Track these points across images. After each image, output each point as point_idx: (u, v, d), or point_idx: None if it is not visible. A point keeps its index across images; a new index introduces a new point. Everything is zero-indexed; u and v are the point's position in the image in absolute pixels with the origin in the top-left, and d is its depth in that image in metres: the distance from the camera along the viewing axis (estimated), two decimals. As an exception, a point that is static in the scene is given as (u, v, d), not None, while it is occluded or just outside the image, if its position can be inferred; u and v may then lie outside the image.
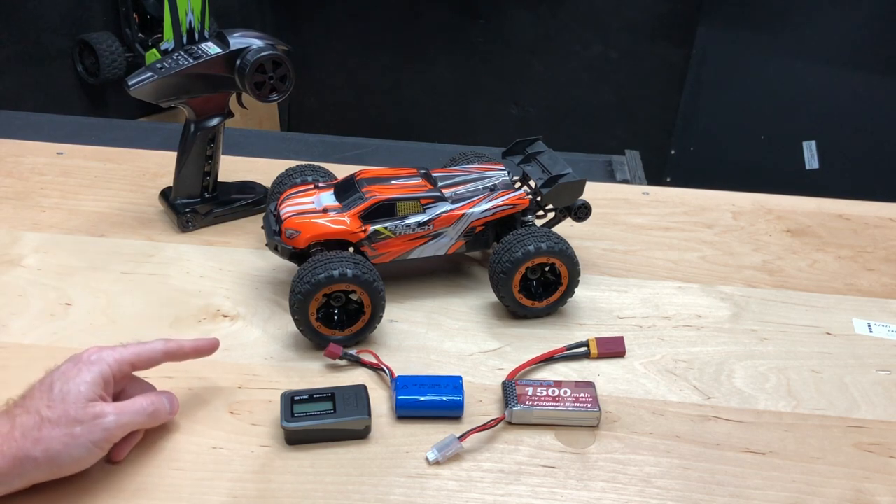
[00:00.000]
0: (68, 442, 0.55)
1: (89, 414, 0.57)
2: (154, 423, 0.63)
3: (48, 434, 0.55)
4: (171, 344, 0.65)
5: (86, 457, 0.57)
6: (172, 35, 0.87)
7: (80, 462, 0.57)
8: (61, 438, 0.55)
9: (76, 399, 0.57)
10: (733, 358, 0.77)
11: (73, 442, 0.56)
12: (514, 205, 0.82)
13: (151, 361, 0.64)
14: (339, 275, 0.71)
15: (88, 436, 0.56)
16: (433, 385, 0.68)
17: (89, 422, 0.56)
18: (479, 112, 2.69)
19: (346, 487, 0.62)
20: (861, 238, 0.98)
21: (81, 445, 0.56)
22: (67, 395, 0.57)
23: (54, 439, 0.55)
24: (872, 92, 2.17)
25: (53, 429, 0.55)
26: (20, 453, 0.54)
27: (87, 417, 0.56)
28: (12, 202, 0.96)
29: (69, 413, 0.56)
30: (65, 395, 0.57)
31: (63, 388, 0.57)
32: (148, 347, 0.63)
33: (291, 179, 0.87)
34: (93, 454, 0.57)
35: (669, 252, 0.94)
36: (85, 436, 0.56)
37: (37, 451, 0.55)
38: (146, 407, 0.61)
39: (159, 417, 0.63)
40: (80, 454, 0.56)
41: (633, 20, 2.44)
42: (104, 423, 0.57)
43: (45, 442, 0.55)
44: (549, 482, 0.63)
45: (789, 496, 0.63)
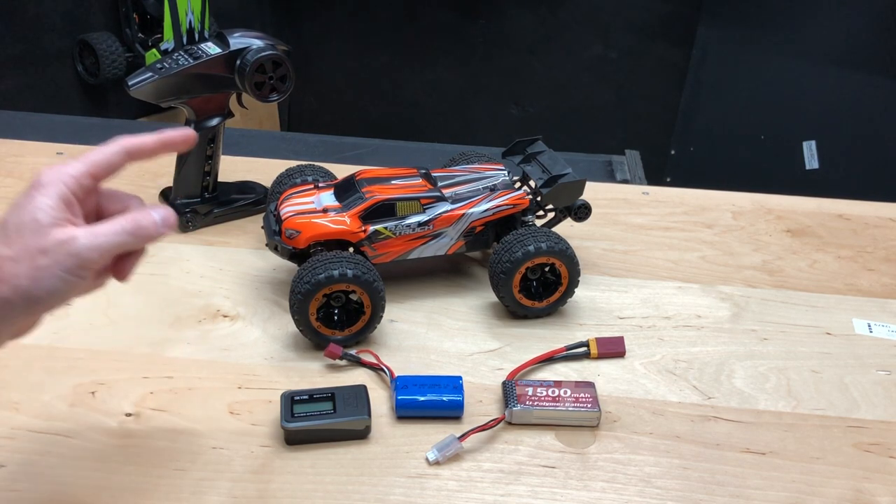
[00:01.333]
0: (35, 275, 0.49)
1: (52, 241, 0.49)
2: (142, 239, 0.53)
3: (10, 271, 0.48)
4: (129, 139, 0.55)
5: (62, 287, 0.49)
6: (172, 35, 0.88)
7: (59, 293, 0.50)
8: (27, 273, 0.49)
9: (34, 228, 0.50)
10: (733, 358, 0.77)
11: (40, 274, 0.49)
12: (514, 205, 0.82)
13: (113, 165, 0.54)
14: (339, 275, 0.71)
15: (56, 265, 0.49)
16: (433, 385, 0.68)
17: (54, 249, 0.49)
18: (479, 112, 2.69)
19: (346, 487, 0.62)
20: (861, 238, 0.99)
21: (52, 276, 0.49)
22: (23, 226, 0.50)
23: (19, 276, 0.48)
24: (872, 92, 2.17)
25: (15, 265, 0.49)
26: None
27: (51, 244, 0.49)
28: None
29: (29, 245, 0.49)
30: (20, 227, 0.50)
31: (18, 221, 0.50)
32: (104, 150, 0.54)
33: (291, 179, 0.87)
34: (70, 283, 0.50)
35: (669, 252, 0.94)
36: (52, 266, 0.49)
37: (4, 290, 0.48)
38: (125, 224, 0.52)
39: (145, 232, 0.53)
40: (54, 285, 0.49)
41: (633, 20, 2.44)
42: (72, 247, 0.49)
43: (10, 280, 0.48)
44: (549, 482, 0.63)
45: (789, 496, 0.63)
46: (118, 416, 0.66)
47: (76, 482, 0.61)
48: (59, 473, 0.61)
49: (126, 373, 0.71)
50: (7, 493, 0.59)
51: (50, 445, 0.63)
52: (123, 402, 0.68)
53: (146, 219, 0.53)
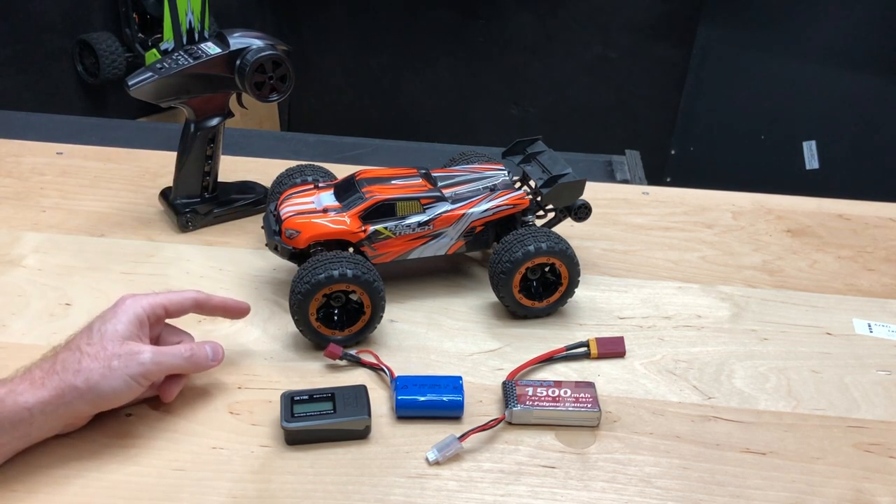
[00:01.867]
0: (106, 373, 0.60)
1: (125, 349, 0.61)
2: (194, 366, 0.66)
3: (87, 366, 0.59)
4: (201, 294, 0.69)
5: (124, 389, 0.61)
6: (172, 35, 0.88)
7: (119, 394, 0.61)
8: (99, 370, 0.60)
9: (113, 336, 0.61)
10: (733, 358, 0.77)
11: (111, 374, 0.60)
12: (514, 205, 0.82)
13: (182, 308, 0.68)
14: (339, 275, 0.71)
15: (125, 369, 0.60)
16: (433, 385, 0.68)
17: (126, 356, 0.61)
18: (479, 112, 2.69)
19: (346, 487, 0.62)
20: (861, 238, 0.98)
21: (119, 377, 0.60)
22: (105, 333, 0.62)
23: (93, 370, 0.59)
24: (872, 92, 2.17)
25: (92, 361, 0.60)
26: (62, 384, 0.59)
27: (124, 352, 0.61)
28: (12, 202, 0.96)
29: (107, 348, 0.61)
30: (103, 334, 0.62)
31: (101, 328, 0.62)
32: (179, 294, 0.68)
33: (291, 179, 0.87)
34: (130, 387, 0.61)
35: (669, 252, 0.94)
36: (122, 368, 0.60)
37: (78, 380, 0.59)
38: (183, 351, 0.65)
39: (199, 362, 0.66)
40: (118, 385, 0.60)
41: (633, 20, 2.44)
42: (140, 357, 0.61)
43: (85, 373, 0.59)
44: (549, 482, 0.63)
45: (789, 496, 0.63)
46: (118, 415, 0.66)
47: (76, 482, 0.61)
48: (60, 473, 0.61)
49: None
50: (7, 493, 0.59)
51: (50, 445, 0.63)
52: (123, 402, 0.68)
53: (201, 351, 0.66)
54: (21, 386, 0.58)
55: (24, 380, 0.59)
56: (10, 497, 0.59)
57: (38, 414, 0.58)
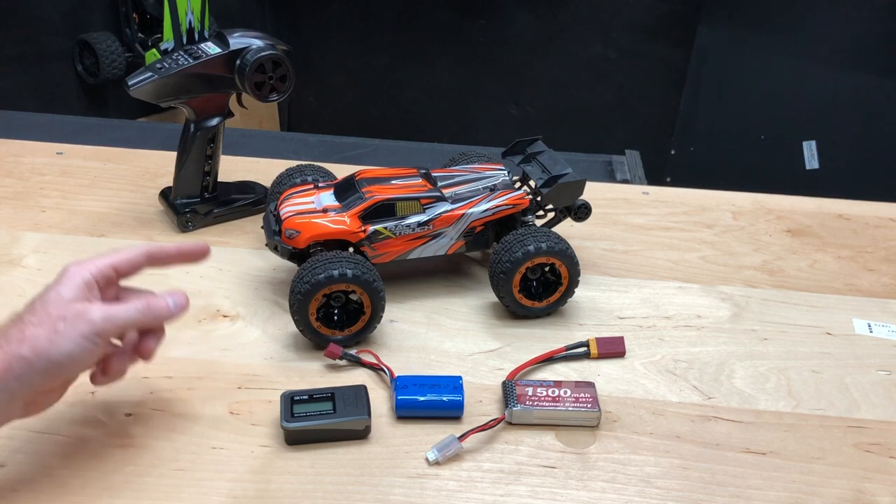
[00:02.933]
0: (52, 337, 0.54)
1: (72, 310, 0.56)
2: (154, 318, 0.60)
3: (32, 333, 0.54)
4: (152, 246, 0.63)
5: (76, 350, 0.55)
6: (172, 35, 0.87)
7: (73, 357, 0.55)
8: (45, 335, 0.54)
9: (56, 300, 0.56)
10: (733, 358, 0.77)
11: (58, 336, 0.54)
12: (514, 205, 0.82)
13: (133, 265, 0.62)
14: (339, 275, 0.71)
15: (73, 329, 0.55)
16: (433, 385, 0.68)
17: (72, 317, 0.55)
18: (479, 112, 2.69)
19: (346, 487, 0.61)
20: (861, 238, 0.98)
21: (68, 339, 0.55)
22: (48, 300, 0.56)
23: (39, 337, 0.54)
24: (872, 92, 2.17)
25: (36, 328, 0.54)
26: (7, 356, 0.53)
27: (70, 313, 0.55)
28: (12, 202, 0.96)
29: (51, 313, 0.55)
30: (45, 301, 0.56)
31: (44, 297, 0.57)
32: (128, 251, 0.61)
33: (291, 179, 0.87)
34: (83, 348, 0.55)
35: (669, 252, 0.94)
36: (70, 329, 0.55)
37: (23, 349, 0.54)
38: (137, 304, 0.59)
39: (158, 312, 0.60)
40: (69, 347, 0.55)
41: (633, 20, 2.44)
42: (88, 315, 0.56)
43: (30, 340, 0.54)
44: (549, 482, 0.63)
45: (789, 496, 0.63)
46: (118, 416, 0.66)
47: (76, 482, 0.61)
48: (59, 473, 0.61)
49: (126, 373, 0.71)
50: (7, 493, 0.59)
51: (50, 445, 0.63)
52: (123, 402, 0.68)
53: (159, 301, 0.60)
54: None
55: None
56: (11, 497, 0.59)
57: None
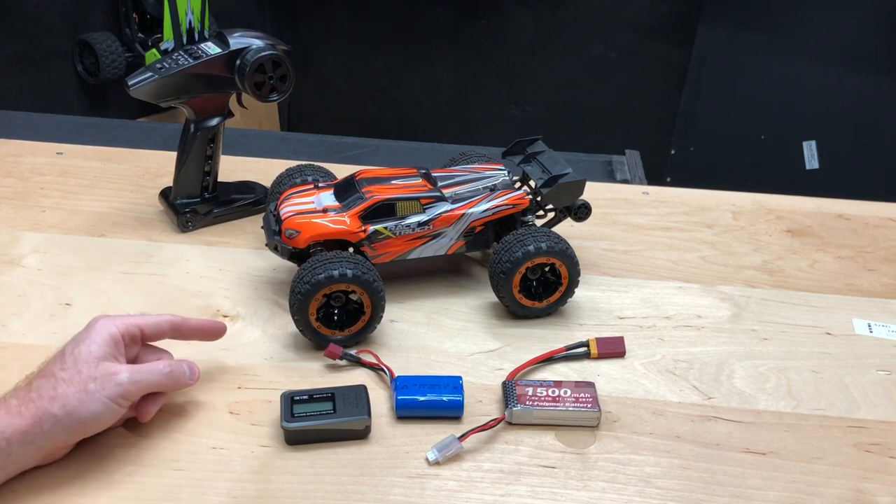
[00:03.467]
0: (83, 398, 0.57)
1: (101, 371, 0.59)
2: (173, 384, 0.65)
3: (63, 391, 0.57)
4: (177, 317, 0.67)
5: (103, 412, 0.59)
6: (172, 35, 0.87)
7: (100, 418, 0.59)
8: (76, 395, 0.57)
9: (87, 359, 0.59)
10: (733, 358, 0.77)
11: (88, 397, 0.58)
12: (514, 205, 0.82)
13: (158, 330, 0.66)
14: (339, 275, 0.71)
15: (102, 391, 0.58)
16: (433, 385, 0.68)
17: (102, 378, 0.59)
18: (479, 112, 2.69)
19: (346, 487, 0.61)
20: (861, 238, 0.98)
21: (97, 400, 0.58)
22: (79, 356, 0.59)
23: (70, 396, 0.57)
24: (872, 92, 2.17)
25: (68, 387, 0.57)
26: (38, 412, 0.57)
27: (100, 374, 0.59)
28: (12, 202, 0.96)
29: (82, 371, 0.58)
30: (76, 357, 0.59)
31: (74, 351, 0.60)
32: (155, 316, 0.66)
33: (291, 179, 0.87)
34: (110, 410, 0.59)
35: (669, 252, 0.94)
36: (99, 391, 0.58)
37: (54, 408, 0.57)
38: (162, 368, 0.63)
39: (177, 380, 0.64)
40: (97, 409, 0.58)
41: (633, 20, 2.44)
42: (117, 378, 0.59)
43: (61, 399, 0.57)
44: (549, 482, 0.63)
45: (789, 496, 0.63)
46: (118, 416, 0.66)
47: (76, 482, 0.60)
48: (59, 474, 0.61)
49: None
50: (7, 493, 0.59)
51: (50, 445, 0.63)
52: (123, 402, 0.68)
53: (179, 367, 0.64)
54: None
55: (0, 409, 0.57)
56: (11, 497, 0.59)
57: (16, 444, 0.56)
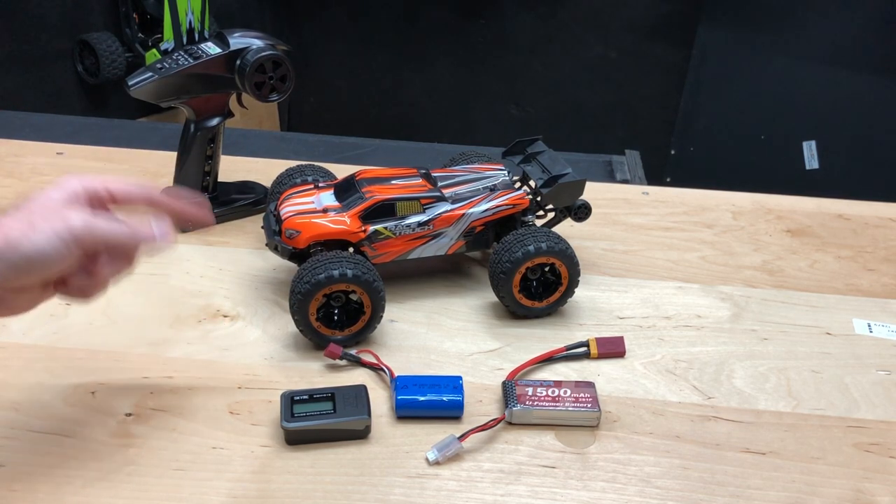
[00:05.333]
0: (27, 230, 0.52)
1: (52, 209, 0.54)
2: (134, 239, 0.57)
3: (8, 224, 0.52)
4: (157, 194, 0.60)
5: (48, 248, 0.52)
6: (172, 35, 0.88)
7: (45, 255, 0.52)
8: (20, 227, 0.52)
9: (42, 200, 0.54)
10: (733, 358, 0.77)
11: (32, 231, 0.52)
12: (514, 205, 0.82)
13: (129, 195, 0.59)
14: (339, 275, 0.71)
15: (49, 226, 0.52)
16: (433, 385, 0.68)
17: (53, 217, 0.53)
18: (479, 112, 2.69)
19: (346, 487, 0.62)
20: (861, 238, 0.99)
21: (43, 233, 0.52)
22: (33, 198, 0.55)
23: (13, 228, 0.52)
24: (872, 92, 2.17)
25: (13, 221, 0.52)
26: None
27: (52, 213, 0.53)
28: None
29: (32, 210, 0.54)
30: (30, 199, 0.55)
31: (30, 199, 0.55)
32: (128, 179, 0.59)
33: (291, 179, 0.87)
34: (56, 248, 0.52)
35: (669, 252, 0.94)
36: (45, 226, 0.52)
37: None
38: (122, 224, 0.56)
39: (140, 235, 0.57)
40: (42, 243, 0.52)
41: (633, 20, 2.44)
42: (69, 217, 0.53)
43: (4, 230, 0.52)
44: (549, 482, 0.63)
45: (789, 496, 0.63)
46: (118, 416, 0.66)
47: (76, 482, 0.61)
48: (59, 473, 0.61)
49: (126, 373, 0.71)
50: (7, 493, 0.59)
51: (50, 445, 0.63)
52: (123, 402, 0.68)
53: (145, 226, 0.57)
54: None
55: None
56: (10, 496, 0.59)
57: None
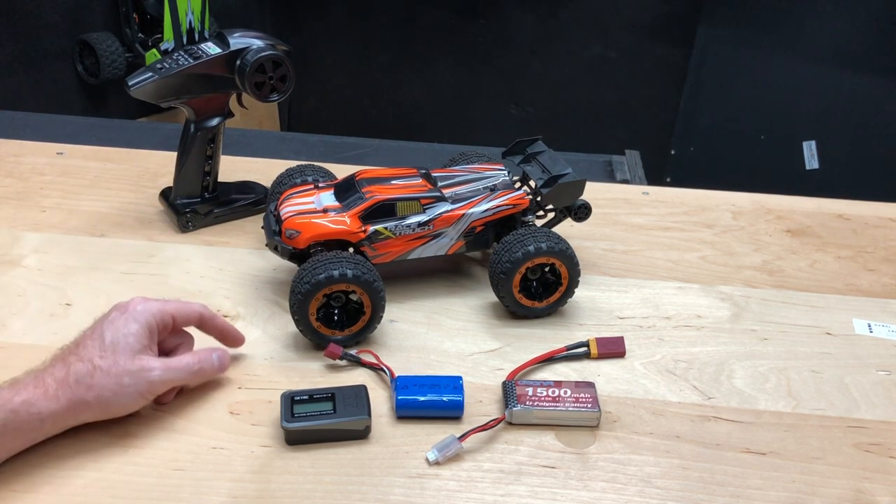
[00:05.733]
0: (117, 391, 0.61)
1: (137, 366, 0.62)
2: (199, 379, 0.68)
3: (100, 382, 0.61)
4: (206, 311, 0.70)
5: (132, 404, 0.63)
6: (172, 35, 0.88)
7: (127, 408, 0.63)
8: (111, 387, 0.61)
9: (125, 350, 0.62)
10: (733, 358, 0.77)
11: (122, 391, 0.62)
12: (514, 205, 0.82)
13: (188, 320, 0.69)
14: (339, 275, 0.71)
15: (136, 386, 0.62)
16: (433, 385, 0.68)
17: (137, 373, 0.62)
18: (479, 112, 2.69)
19: (346, 487, 0.62)
20: (861, 238, 0.99)
21: (129, 395, 0.62)
22: (117, 345, 0.62)
23: (105, 388, 0.61)
24: (872, 92, 2.17)
25: (105, 377, 0.61)
26: (74, 398, 0.60)
27: (135, 369, 0.62)
28: (12, 202, 0.96)
29: (119, 363, 0.61)
30: (115, 346, 0.62)
31: (113, 339, 0.63)
32: (187, 305, 0.69)
33: (291, 179, 0.87)
34: (138, 402, 0.63)
35: (669, 252, 0.94)
36: (133, 386, 0.62)
37: (90, 396, 0.60)
38: (191, 364, 0.66)
39: (205, 374, 0.68)
40: (127, 402, 0.63)
41: (633, 20, 2.44)
42: (150, 376, 0.63)
43: (97, 389, 0.61)
44: (549, 482, 0.63)
45: (789, 496, 0.63)
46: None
47: (76, 482, 0.61)
48: (60, 473, 0.61)
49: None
50: (7, 493, 0.59)
51: (50, 445, 0.63)
52: (123, 402, 0.68)
53: (208, 363, 0.67)
54: (35, 395, 0.59)
55: (38, 388, 0.60)
56: (10, 497, 0.59)
57: (49, 423, 0.60)
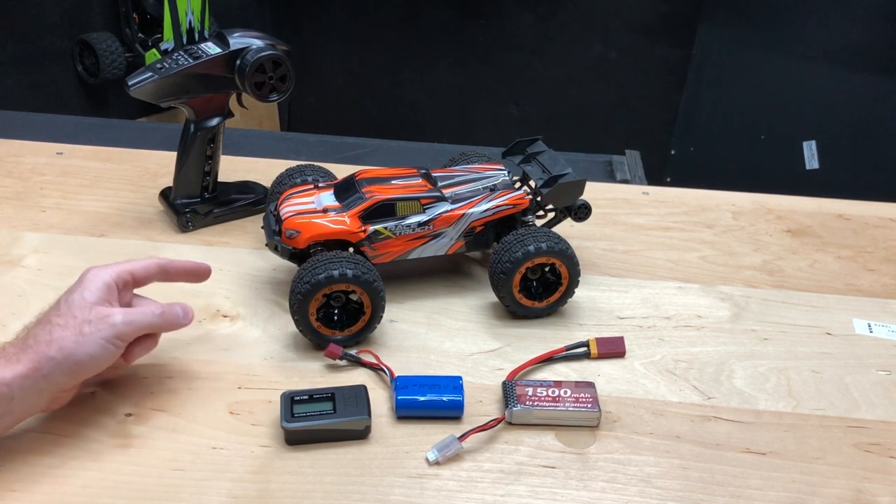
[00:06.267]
0: (79, 340, 0.60)
1: (95, 314, 0.61)
2: (166, 325, 0.67)
3: (59, 335, 0.60)
4: (163, 259, 0.69)
5: (100, 353, 0.61)
6: (172, 35, 0.87)
7: (96, 359, 0.61)
8: (72, 338, 0.60)
9: (81, 304, 0.62)
10: (733, 358, 0.77)
11: (84, 339, 0.60)
12: (514, 205, 0.82)
13: (147, 273, 0.68)
14: (339, 275, 0.71)
15: (98, 332, 0.61)
16: (433, 385, 0.68)
17: (96, 320, 0.61)
18: (479, 112, 2.69)
19: (346, 487, 0.62)
20: (861, 238, 0.99)
21: (93, 342, 0.60)
22: (72, 302, 0.62)
23: (66, 338, 0.60)
24: (872, 92, 2.17)
25: (63, 330, 0.60)
26: (37, 356, 0.59)
27: (94, 317, 0.61)
28: (12, 202, 0.96)
29: (76, 316, 0.61)
30: (70, 303, 0.62)
31: (68, 299, 0.62)
32: (143, 261, 0.68)
33: (291, 179, 0.87)
34: (106, 350, 0.61)
35: (669, 252, 0.94)
36: (94, 333, 0.61)
37: (51, 350, 0.59)
38: (154, 309, 0.65)
39: (170, 321, 0.66)
40: (93, 350, 0.60)
41: (633, 20, 2.44)
42: (111, 319, 0.62)
43: (58, 342, 0.59)
44: (549, 482, 0.63)
45: (789, 496, 0.63)
46: (118, 416, 0.66)
47: (76, 482, 0.61)
48: (59, 473, 0.61)
49: (126, 373, 0.71)
50: (6, 493, 0.59)
51: (50, 445, 0.63)
52: (123, 402, 0.68)
53: (172, 309, 0.66)
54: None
55: None
56: (9, 497, 0.59)
57: (17, 388, 0.58)
